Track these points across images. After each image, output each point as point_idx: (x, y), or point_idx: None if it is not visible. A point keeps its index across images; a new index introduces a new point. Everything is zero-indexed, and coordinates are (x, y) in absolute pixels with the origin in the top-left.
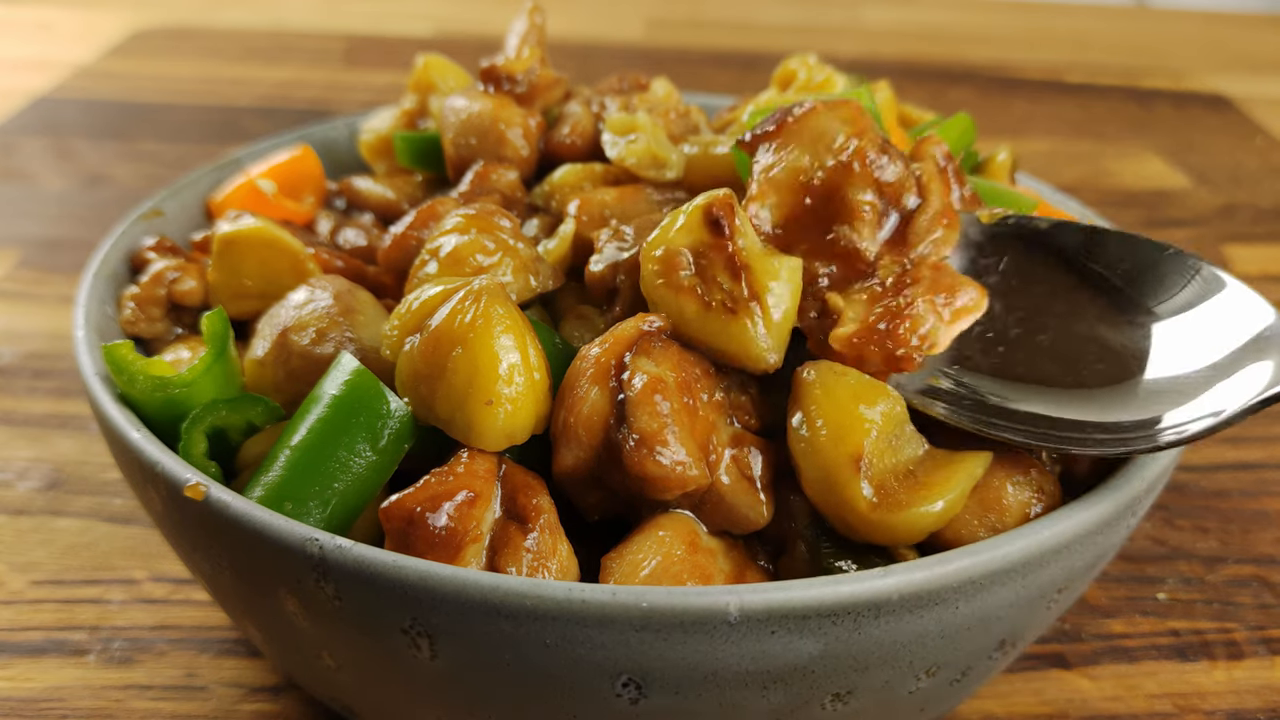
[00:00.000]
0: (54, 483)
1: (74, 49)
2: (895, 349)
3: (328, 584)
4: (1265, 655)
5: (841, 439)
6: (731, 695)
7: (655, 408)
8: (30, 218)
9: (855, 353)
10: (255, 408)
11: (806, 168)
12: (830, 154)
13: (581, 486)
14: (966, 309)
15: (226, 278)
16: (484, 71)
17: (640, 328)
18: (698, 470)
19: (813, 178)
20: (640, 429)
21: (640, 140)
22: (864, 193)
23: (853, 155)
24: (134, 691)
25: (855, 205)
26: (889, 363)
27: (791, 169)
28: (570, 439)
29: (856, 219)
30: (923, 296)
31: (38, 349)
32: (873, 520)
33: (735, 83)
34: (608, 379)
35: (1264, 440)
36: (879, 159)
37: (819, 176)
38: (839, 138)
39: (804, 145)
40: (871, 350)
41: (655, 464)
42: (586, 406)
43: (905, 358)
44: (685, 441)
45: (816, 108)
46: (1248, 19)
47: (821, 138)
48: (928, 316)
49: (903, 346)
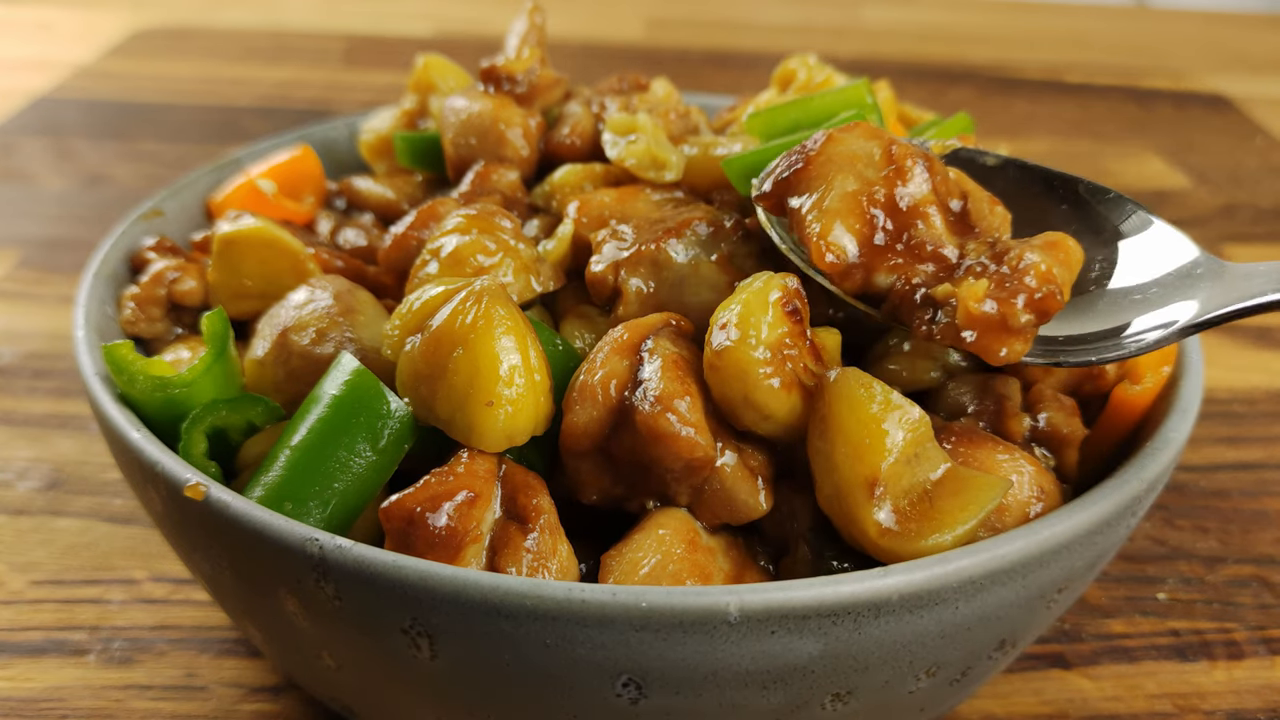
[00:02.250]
0: (54, 483)
1: (74, 49)
2: (1036, 292)
3: (328, 584)
4: (1265, 655)
5: (860, 458)
6: (731, 695)
7: (674, 372)
8: (30, 218)
9: (999, 313)
10: (255, 408)
11: (859, 189)
12: (874, 168)
13: (584, 460)
14: (1071, 250)
15: (226, 278)
16: (484, 71)
17: (666, 318)
18: (704, 440)
19: (872, 194)
20: (657, 391)
21: (640, 141)
22: (925, 190)
23: (901, 158)
24: (134, 691)
25: (921, 203)
26: (1036, 308)
27: (846, 195)
28: (586, 397)
29: (927, 219)
30: (1028, 250)
31: (38, 349)
32: (881, 546)
33: (735, 83)
34: (629, 353)
35: (1264, 440)
36: (920, 159)
37: (879, 193)
38: (874, 152)
39: (843, 170)
40: (1012, 305)
41: (667, 421)
42: (606, 369)
43: (1049, 296)
44: (695, 412)
45: (832, 135)
46: (1248, 19)
47: (855, 158)
48: (1045, 259)
49: (1043, 286)
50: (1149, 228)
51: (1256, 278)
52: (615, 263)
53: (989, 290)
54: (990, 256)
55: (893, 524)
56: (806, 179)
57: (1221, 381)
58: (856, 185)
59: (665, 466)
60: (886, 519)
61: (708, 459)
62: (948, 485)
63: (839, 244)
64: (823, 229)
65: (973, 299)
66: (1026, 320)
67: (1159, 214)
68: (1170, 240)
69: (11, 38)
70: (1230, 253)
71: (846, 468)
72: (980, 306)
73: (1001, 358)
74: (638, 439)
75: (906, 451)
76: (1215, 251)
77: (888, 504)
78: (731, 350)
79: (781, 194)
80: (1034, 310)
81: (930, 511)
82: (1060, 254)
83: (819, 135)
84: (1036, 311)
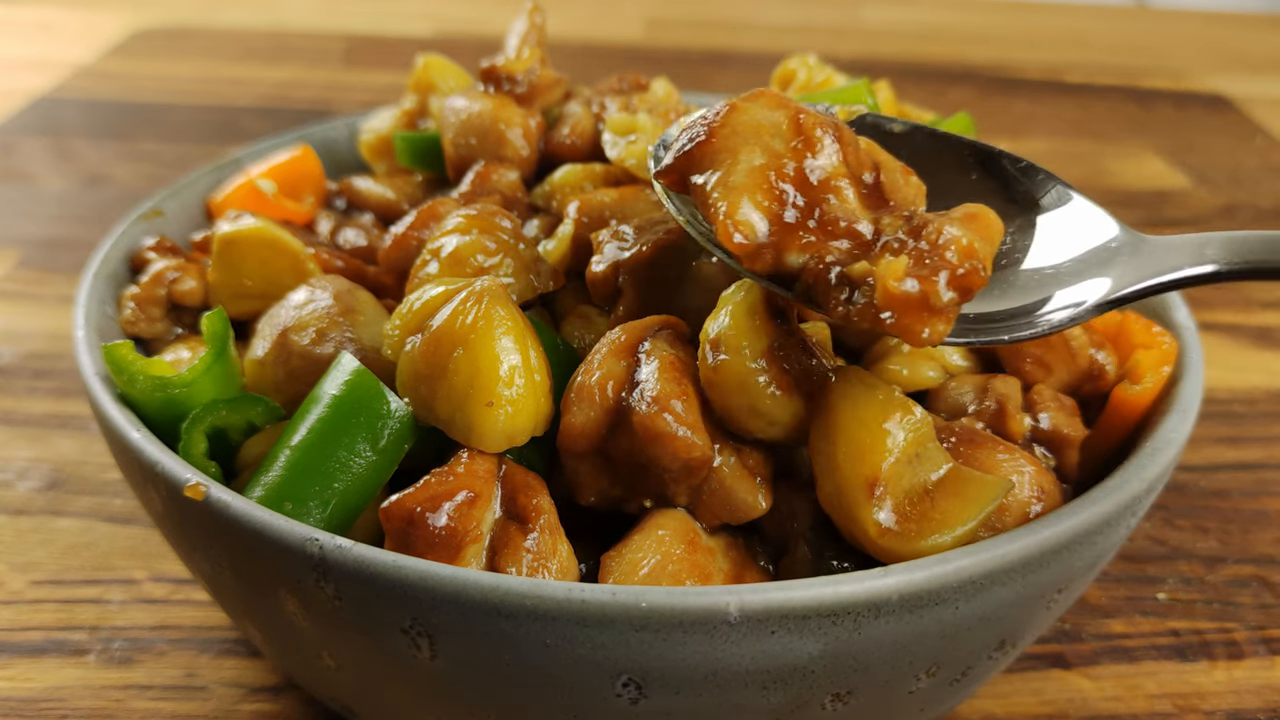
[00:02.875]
0: (54, 483)
1: (74, 49)
2: (958, 269)
3: (328, 584)
4: (1265, 655)
5: (860, 459)
6: (731, 695)
7: (671, 373)
8: (30, 218)
9: (920, 292)
10: (255, 408)
11: (766, 163)
12: (781, 139)
13: (582, 461)
14: (992, 223)
15: (226, 278)
16: (484, 71)
17: (663, 320)
18: (701, 440)
19: (780, 167)
20: (654, 392)
21: (640, 141)
22: (836, 162)
23: (810, 128)
24: (134, 691)
25: (833, 175)
26: (959, 285)
27: (753, 170)
28: (583, 398)
29: (839, 194)
30: (947, 223)
31: (38, 349)
32: (881, 546)
33: (735, 83)
34: (626, 355)
35: (1264, 440)
36: (830, 130)
37: (788, 166)
38: (781, 122)
39: (748, 143)
40: (934, 283)
41: (664, 421)
42: (603, 370)
43: (972, 272)
44: (691, 412)
45: (734, 104)
46: (1248, 19)
47: (761, 129)
48: (966, 233)
49: (965, 261)
50: (1067, 201)
51: (1173, 252)
52: (616, 263)
53: (909, 268)
54: (907, 231)
55: (893, 524)
56: (710, 153)
57: (1221, 381)
58: (763, 159)
59: (663, 467)
60: (887, 519)
61: (705, 459)
62: (949, 485)
63: (747, 222)
64: (729, 207)
65: (892, 277)
66: (950, 299)
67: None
68: (1088, 215)
69: (11, 38)
70: None
71: (847, 467)
72: (900, 285)
73: (924, 339)
74: (635, 440)
75: (908, 451)
76: None
77: (888, 504)
78: (728, 365)
79: (684, 169)
80: (957, 288)
81: (931, 512)
82: (981, 227)
83: (720, 105)
84: (960, 289)
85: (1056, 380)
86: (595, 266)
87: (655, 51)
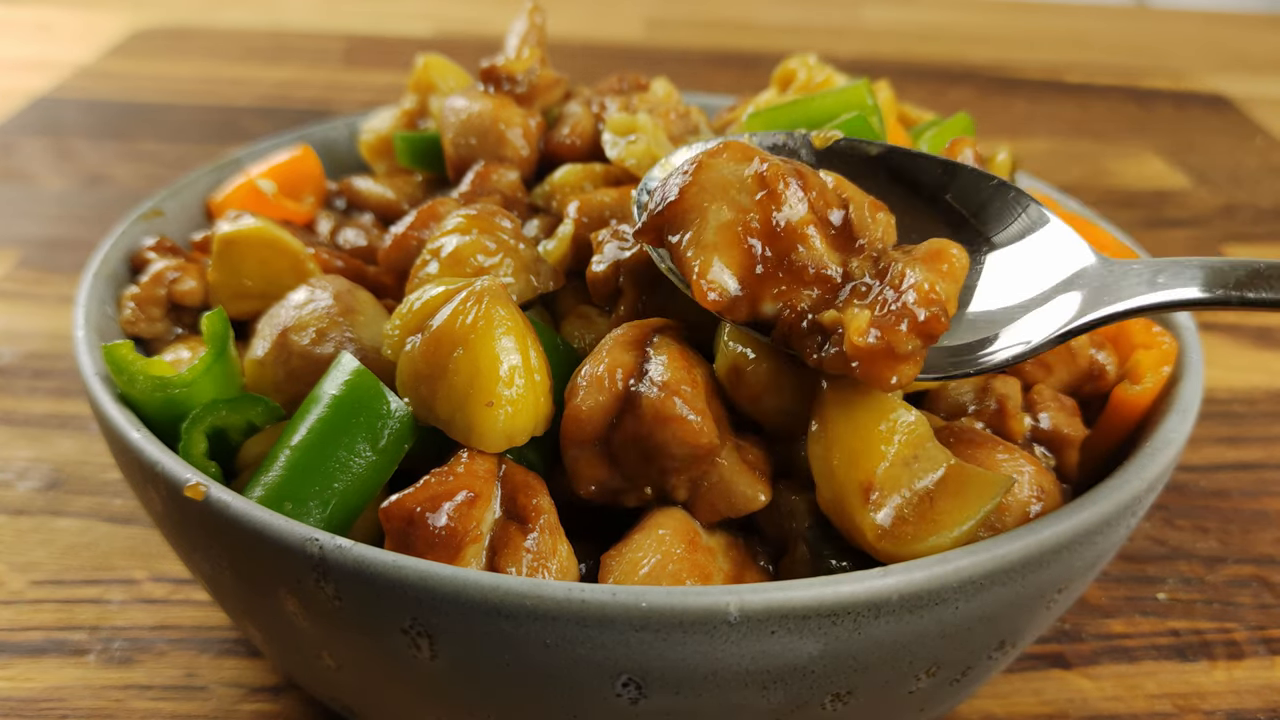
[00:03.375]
0: (54, 483)
1: (74, 49)
2: (919, 315)
3: (328, 584)
4: (1265, 655)
5: (854, 464)
6: (731, 695)
7: (681, 362)
8: (30, 218)
9: (884, 342)
10: (255, 408)
11: (733, 218)
12: (747, 192)
13: (584, 449)
14: (955, 260)
15: (226, 278)
16: (484, 71)
17: (666, 321)
18: (709, 428)
19: (747, 222)
20: (663, 379)
21: (640, 141)
22: (802, 211)
23: (773, 181)
24: (134, 691)
25: (799, 225)
26: (921, 332)
27: (721, 227)
28: (593, 384)
29: (806, 241)
30: (909, 266)
31: (38, 349)
32: (879, 549)
33: (735, 83)
34: (634, 348)
35: (1264, 440)
36: (793, 177)
37: (753, 220)
38: (745, 174)
39: (716, 199)
40: (897, 332)
41: (673, 404)
42: (612, 359)
43: (933, 319)
44: (699, 400)
45: (701, 161)
46: (1248, 19)
47: (728, 185)
48: (927, 278)
49: (925, 308)
50: (1041, 225)
51: (1136, 280)
52: (617, 262)
53: (872, 320)
54: (874, 274)
55: (890, 526)
56: (681, 212)
57: (1221, 381)
58: (731, 214)
59: (669, 454)
60: (884, 522)
61: (711, 446)
62: (949, 485)
63: (719, 281)
64: (701, 267)
65: (855, 333)
66: (913, 347)
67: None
68: (1061, 238)
69: (11, 38)
70: (1230, 252)
71: (842, 472)
72: (865, 339)
73: (892, 385)
74: (642, 424)
75: (903, 454)
76: (1216, 252)
77: (884, 507)
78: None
79: (658, 228)
80: (919, 334)
81: (930, 513)
82: (943, 264)
83: (688, 164)
84: (922, 335)
85: (1057, 380)
86: (596, 266)
87: (655, 51)
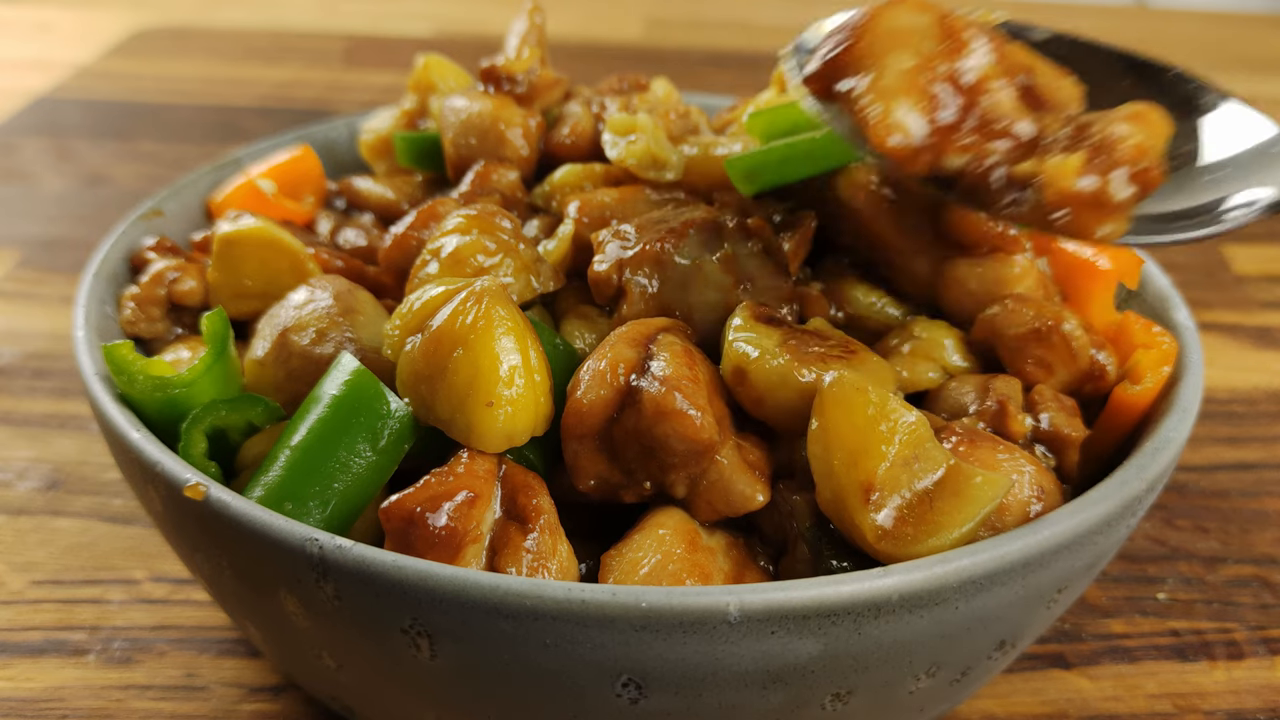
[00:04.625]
0: (54, 483)
1: (74, 49)
2: (1136, 165)
3: (327, 584)
4: (1265, 655)
5: (854, 464)
6: (731, 695)
7: (683, 359)
8: (30, 218)
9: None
10: (255, 408)
11: (917, 65)
12: (930, 41)
13: (584, 443)
14: (1159, 121)
15: (226, 278)
16: (484, 72)
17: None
18: (709, 423)
19: (932, 69)
20: (665, 375)
21: (640, 141)
22: (989, 62)
23: (958, 30)
24: (134, 691)
25: (987, 77)
26: (1139, 179)
27: (904, 73)
28: (595, 378)
29: (994, 93)
30: (1114, 123)
31: (38, 349)
32: (879, 549)
33: (735, 83)
34: (637, 345)
35: (1264, 440)
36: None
37: (940, 67)
38: (927, 25)
39: (896, 47)
40: (1109, 180)
41: (674, 399)
42: (615, 354)
43: (1149, 171)
44: (700, 397)
45: (875, 11)
46: (1248, 19)
47: (908, 32)
48: (1134, 131)
49: (1142, 159)
50: (1220, 104)
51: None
52: (619, 262)
53: (1085, 164)
54: (1072, 131)
55: (891, 527)
56: (856, 58)
57: (1221, 381)
58: (914, 61)
59: (668, 449)
60: (884, 522)
61: (711, 442)
62: (949, 485)
63: (903, 124)
64: (883, 110)
65: (1066, 176)
66: (1128, 195)
67: None
68: (1246, 118)
69: (11, 38)
70: (1230, 253)
71: (842, 473)
72: (1076, 183)
73: (1100, 237)
74: (643, 418)
75: (902, 454)
76: (1215, 252)
77: (885, 508)
78: (757, 362)
79: (830, 75)
80: (1138, 182)
81: (929, 513)
82: (1149, 125)
83: (861, 11)
84: (1139, 183)
85: (1057, 380)
86: (598, 266)
87: (655, 51)
